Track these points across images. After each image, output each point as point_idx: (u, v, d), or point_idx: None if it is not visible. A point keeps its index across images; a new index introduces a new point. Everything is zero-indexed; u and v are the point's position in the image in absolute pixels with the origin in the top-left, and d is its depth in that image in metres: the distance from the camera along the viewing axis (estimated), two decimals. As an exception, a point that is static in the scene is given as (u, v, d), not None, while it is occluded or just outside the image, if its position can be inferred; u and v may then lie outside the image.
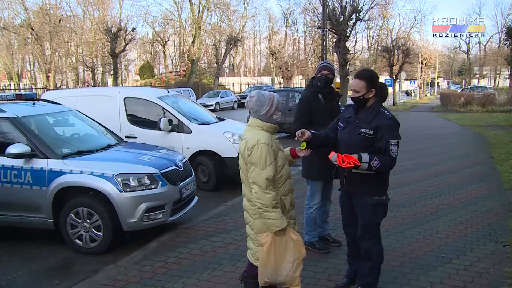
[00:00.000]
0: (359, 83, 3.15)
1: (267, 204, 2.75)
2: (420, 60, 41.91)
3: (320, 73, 4.28)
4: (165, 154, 5.52)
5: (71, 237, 4.67)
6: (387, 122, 3.08)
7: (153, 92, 8.41)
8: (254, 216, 2.92)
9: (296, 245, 2.86)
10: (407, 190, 6.91)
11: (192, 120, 7.56)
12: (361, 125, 3.14)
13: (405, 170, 8.52)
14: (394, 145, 3.06)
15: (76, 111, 6.09)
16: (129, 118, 7.66)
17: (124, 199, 4.48)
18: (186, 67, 50.15)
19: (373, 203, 3.19)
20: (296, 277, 2.87)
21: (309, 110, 4.24)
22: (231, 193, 6.70)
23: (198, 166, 7.32)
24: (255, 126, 2.91)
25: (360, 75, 3.18)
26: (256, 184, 2.77)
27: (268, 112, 2.88)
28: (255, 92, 2.95)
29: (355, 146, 3.10)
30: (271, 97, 2.91)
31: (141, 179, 4.63)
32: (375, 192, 3.20)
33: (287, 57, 52.69)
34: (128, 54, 50.95)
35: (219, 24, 55.37)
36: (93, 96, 8.14)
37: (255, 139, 2.80)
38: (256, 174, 2.76)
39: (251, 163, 2.79)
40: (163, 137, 7.30)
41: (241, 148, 2.89)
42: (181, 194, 5.07)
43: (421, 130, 16.12)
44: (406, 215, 5.60)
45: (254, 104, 2.90)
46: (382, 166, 3.05)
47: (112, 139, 5.84)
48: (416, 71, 46.31)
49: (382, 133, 3.06)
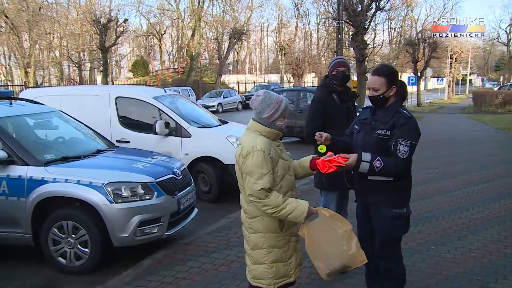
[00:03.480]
0: (378, 80, 3.15)
1: (277, 205, 2.76)
2: (449, 54, 41.75)
3: (335, 70, 4.29)
4: (161, 160, 5.53)
5: (53, 255, 4.66)
6: (403, 121, 3.08)
7: (148, 91, 8.42)
8: (249, 230, 2.95)
9: (334, 220, 2.88)
10: (434, 202, 6.88)
11: (191, 122, 7.58)
12: (378, 126, 3.15)
13: (431, 179, 8.48)
14: (405, 146, 3.03)
15: (60, 112, 6.12)
16: (121, 121, 7.69)
17: (115, 211, 4.48)
18: (185, 63, 50.45)
19: (393, 216, 3.18)
20: (354, 253, 2.87)
21: (323, 112, 4.25)
22: (235, 205, 6.52)
23: (198, 174, 7.35)
24: (254, 130, 2.92)
25: (379, 71, 3.19)
26: (252, 196, 2.78)
27: (271, 116, 2.89)
28: (263, 91, 2.96)
29: (371, 150, 3.11)
30: (278, 101, 2.90)
31: (134, 188, 4.64)
32: (395, 204, 3.19)
33: (298, 52, 52.83)
34: (119, 48, 51.27)
35: (221, 15, 55.83)
36: (80, 96, 8.20)
37: (250, 145, 2.81)
38: (251, 184, 2.77)
39: (246, 172, 2.80)
40: (159, 141, 7.34)
41: (236, 154, 2.91)
42: (179, 206, 5.08)
43: (449, 134, 16.02)
44: (433, 230, 5.57)
45: (258, 104, 2.91)
46: (386, 168, 3.03)
47: (102, 143, 5.86)
48: (444, 67, 46.14)
49: (395, 131, 3.07)
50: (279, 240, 2.92)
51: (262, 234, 2.91)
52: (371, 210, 3.29)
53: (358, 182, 3.29)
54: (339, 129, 3.80)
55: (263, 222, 2.89)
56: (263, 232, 2.91)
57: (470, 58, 54.09)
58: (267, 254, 2.91)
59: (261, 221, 2.90)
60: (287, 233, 2.93)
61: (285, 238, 2.94)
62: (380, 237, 3.25)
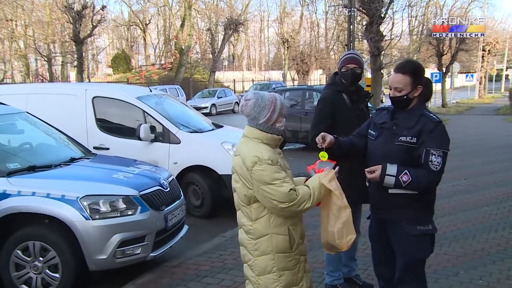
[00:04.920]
0: (402, 79, 3.15)
1: (309, 194, 2.89)
2: (481, 46, 41.60)
3: (344, 67, 4.31)
4: (146, 170, 5.55)
5: (15, 282, 4.58)
6: (432, 126, 3.09)
7: (131, 90, 8.41)
8: (254, 253, 2.97)
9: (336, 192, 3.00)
10: (462, 219, 6.88)
11: (181, 127, 7.61)
12: (401, 132, 3.15)
13: (458, 191, 8.49)
14: (438, 156, 3.05)
15: (26, 113, 6.13)
16: (99, 124, 7.70)
17: (92, 229, 4.47)
18: (173, 58, 50.63)
19: (418, 234, 3.18)
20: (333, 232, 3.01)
21: (331, 115, 4.27)
22: (231, 221, 6.53)
23: (188, 186, 7.38)
24: (252, 137, 2.97)
25: (404, 68, 3.18)
26: (284, 202, 2.83)
27: (270, 119, 2.95)
28: (252, 93, 3.01)
29: (393, 159, 3.12)
30: (272, 100, 2.97)
31: (114, 202, 4.64)
32: (419, 220, 3.19)
33: (303, 45, 52.73)
34: (96, 40, 51.32)
35: (215, 2, 55.98)
36: (50, 95, 8.16)
37: (254, 154, 2.87)
38: (277, 191, 2.82)
39: (262, 183, 2.84)
40: (144, 148, 7.36)
41: (236, 165, 2.97)
42: (166, 222, 5.08)
43: (480, 139, 16.07)
44: (462, 252, 5.55)
45: (251, 109, 2.96)
46: (415, 182, 3.05)
47: (77, 150, 5.86)
48: (475, 61, 46.08)
49: (423, 138, 3.08)
50: (290, 260, 2.97)
51: (271, 256, 2.94)
52: (390, 228, 3.30)
53: (375, 196, 3.29)
54: (350, 134, 3.82)
55: (271, 241, 2.94)
56: (272, 253, 2.94)
57: (507, 49, 53.85)
58: (278, 278, 2.94)
59: (269, 240, 2.94)
60: (297, 252, 2.99)
61: (295, 258, 3.00)
62: (402, 259, 3.25)
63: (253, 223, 2.96)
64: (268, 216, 2.94)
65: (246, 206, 2.98)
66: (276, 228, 2.94)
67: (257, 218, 2.95)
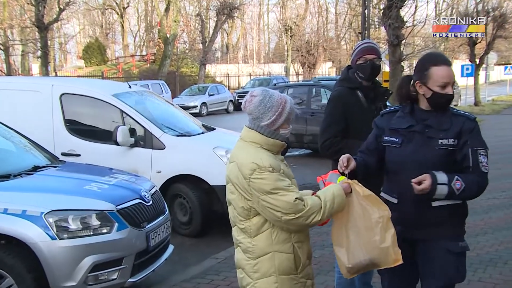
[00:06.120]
0: (452, 74, 3.19)
1: (319, 206, 2.88)
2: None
3: (361, 59, 4.29)
4: (125, 181, 5.57)
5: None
6: (472, 125, 3.18)
7: (106, 86, 8.49)
8: (254, 275, 2.97)
9: (369, 201, 2.99)
10: (500, 239, 6.83)
11: (165, 129, 7.61)
12: (436, 134, 3.19)
13: (495, 206, 8.45)
14: (485, 156, 3.14)
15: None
16: (68, 126, 7.68)
17: (59, 250, 4.44)
18: (156, 48, 50.54)
19: (459, 252, 3.22)
20: (388, 248, 2.97)
21: (344, 116, 4.26)
22: (225, 240, 6.55)
23: (174, 199, 7.41)
24: (251, 141, 3.00)
25: (448, 61, 3.24)
26: (290, 213, 2.83)
27: (274, 123, 2.98)
28: (260, 90, 3.03)
29: (430, 166, 3.13)
30: (281, 102, 2.99)
31: (86, 219, 4.62)
32: (459, 235, 3.26)
33: (309, 34, 52.85)
34: (65, 26, 51.38)
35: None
36: (8, 91, 8.12)
37: (252, 160, 2.88)
38: (281, 201, 2.82)
39: (262, 193, 2.84)
40: (122, 155, 7.37)
41: (231, 173, 3.00)
42: (148, 242, 5.08)
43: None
44: (500, 279, 5.49)
45: (255, 107, 2.98)
46: (468, 189, 3.10)
47: (41, 157, 5.86)
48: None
49: (465, 138, 3.15)
50: (295, 284, 2.99)
51: (274, 278, 2.95)
52: (422, 247, 3.30)
53: (411, 214, 3.26)
54: (365, 139, 3.81)
55: (274, 261, 2.95)
56: (275, 275, 2.95)
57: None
58: None
59: (271, 260, 2.95)
60: (303, 274, 3.01)
61: (300, 281, 3.02)
62: (437, 283, 3.25)
63: (252, 239, 2.97)
64: (270, 231, 2.95)
65: (244, 221, 2.99)
66: (279, 245, 2.95)
67: (257, 234, 2.96)
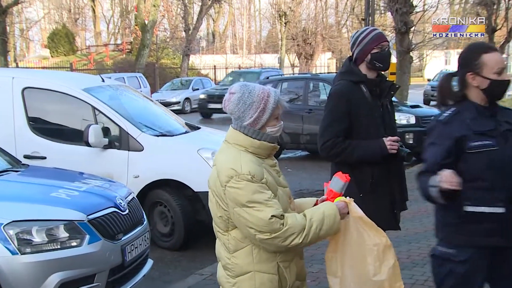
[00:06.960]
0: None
1: (301, 227, 2.74)
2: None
3: (378, 46, 4.12)
4: (97, 187, 5.51)
5: None
6: None
7: (76, 80, 8.35)
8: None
9: (366, 226, 2.95)
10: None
11: (144, 128, 7.45)
12: None
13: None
14: None
15: None
16: (32, 125, 7.49)
17: (21, 267, 4.32)
18: (133, 37, 49.71)
19: None
20: (382, 282, 2.92)
21: (347, 113, 4.12)
22: (211, 253, 6.46)
23: (154, 208, 7.28)
24: (234, 143, 2.90)
25: (496, 48, 3.36)
26: (264, 232, 2.70)
27: (256, 121, 2.84)
28: (239, 86, 2.91)
29: None
30: (263, 96, 2.84)
31: (53, 230, 4.51)
32: None
33: (306, 21, 52.35)
34: (26, 10, 50.96)
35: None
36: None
37: (229, 166, 2.77)
38: (255, 217, 2.69)
39: (237, 205, 2.73)
40: (94, 157, 7.17)
41: (211, 178, 2.93)
42: (123, 256, 4.94)
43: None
44: None
45: (234, 106, 2.86)
46: None
47: (1, 160, 5.72)
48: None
49: None
50: None
51: None
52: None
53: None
54: (372, 139, 3.88)
55: (255, 281, 2.83)
56: None
57: None
58: None
59: (251, 280, 2.84)
60: None
61: None
62: None
63: (232, 255, 2.88)
64: (250, 247, 2.84)
65: (222, 233, 2.89)
66: (261, 265, 2.84)
67: (236, 250, 2.85)
